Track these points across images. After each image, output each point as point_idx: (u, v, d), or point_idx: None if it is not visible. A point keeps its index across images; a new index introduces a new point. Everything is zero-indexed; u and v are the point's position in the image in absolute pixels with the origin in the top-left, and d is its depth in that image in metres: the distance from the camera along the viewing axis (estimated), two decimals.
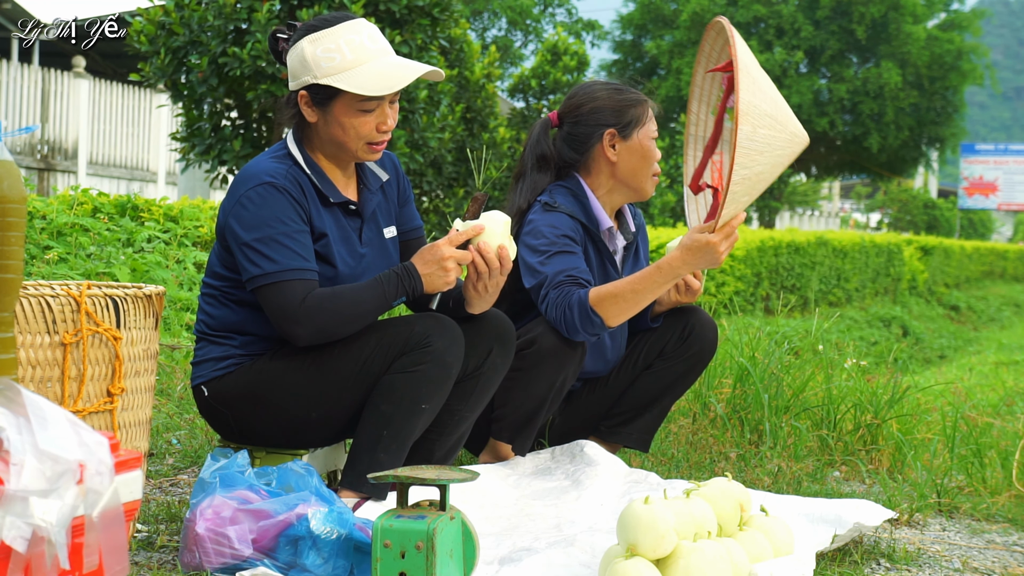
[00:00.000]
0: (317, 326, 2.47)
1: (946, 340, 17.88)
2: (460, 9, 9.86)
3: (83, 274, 5.42)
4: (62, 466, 1.68)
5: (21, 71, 14.51)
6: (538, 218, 3.00)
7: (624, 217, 3.21)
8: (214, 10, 8.50)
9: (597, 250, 3.09)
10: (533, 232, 2.97)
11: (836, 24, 28.97)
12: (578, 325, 2.85)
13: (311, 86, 2.56)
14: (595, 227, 3.07)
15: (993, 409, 5.29)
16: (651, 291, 2.85)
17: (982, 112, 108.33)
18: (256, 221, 2.49)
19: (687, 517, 2.18)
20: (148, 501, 2.75)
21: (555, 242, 2.94)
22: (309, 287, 2.48)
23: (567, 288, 2.87)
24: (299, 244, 2.50)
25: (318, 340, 2.50)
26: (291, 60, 2.59)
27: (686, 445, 3.65)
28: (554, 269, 2.90)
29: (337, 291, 2.51)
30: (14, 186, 1.77)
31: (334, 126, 2.58)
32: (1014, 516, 3.11)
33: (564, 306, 2.85)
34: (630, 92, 3.12)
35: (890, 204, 39.87)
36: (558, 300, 2.86)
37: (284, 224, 2.50)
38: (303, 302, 2.46)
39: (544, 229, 2.96)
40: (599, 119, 3.07)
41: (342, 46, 2.53)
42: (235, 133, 9.10)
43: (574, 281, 2.89)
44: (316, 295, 2.48)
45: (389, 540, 2.01)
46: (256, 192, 2.51)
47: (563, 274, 2.89)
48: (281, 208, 2.51)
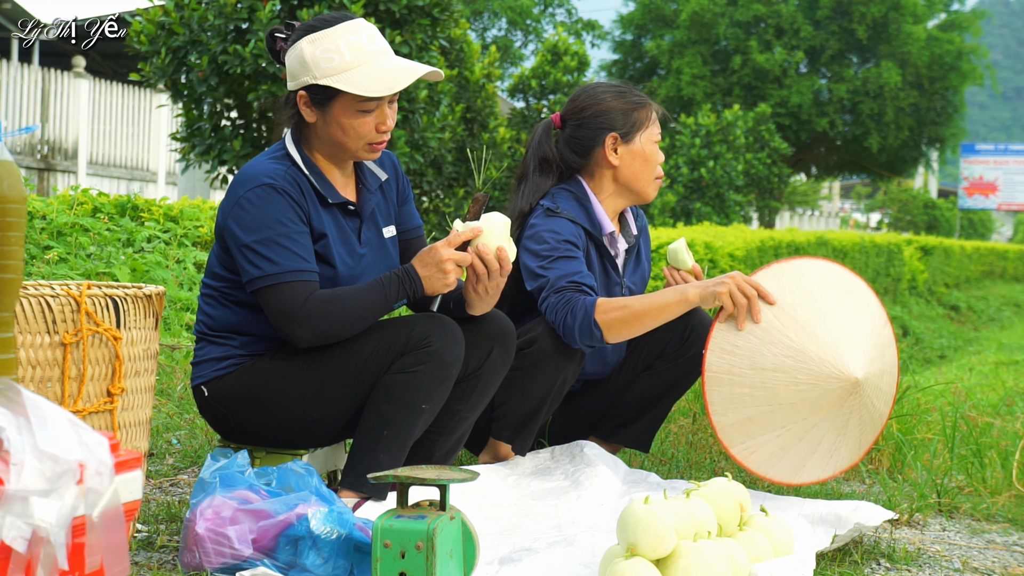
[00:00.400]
0: (318, 328, 2.47)
1: (946, 340, 17.88)
2: (460, 9, 9.86)
3: (83, 274, 5.42)
4: (62, 466, 1.68)
5: (21, 71, 14.51)
6: (540, 223, 3.00)
7: (626, 220, 3.20)
8: (214, 9, 8.49)
9: (599, 254, 3.09)
10: (535, 237, 2.96)
11: (836, 24, 28.97)
12: (576, 333, 2.84)
13: (310, 86, 2.55)
14: (598, 232, 3.07)
15: (993, 409, 5.28)
16: (660, 311, 2.83)
17: (982, 112, 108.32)
18: (255, 223, 2.49)
19: (687, 517, 2.18)
20: (148, 501, 2.75)
21: (556, 247, 2.94)
22: (310, 288, 2.48)
23: (569, 294, 2.86)
24: (299, 245, 2.50)
25: (319, 342, 2.50)
26: (290, 60, 2.59)
27: (686, 445, 3.65)
28: (556, 274, 2.90)
29: (339, 293, 2.50)
30: (14, 186, 1.77)
31: (333, 127, 2.57)
32: (1014, 516, 3.11)
33: (566, 311, 2.84)
34: (634, 95, 3.11)
35: (890, 204, 39.87)
36: (559, 304, 2.85)
37: (284, 225, 2.49)
38: (304, 304, 2.46)
39: (546, 234, 2.96)
40: (602, 122, 3.06)
41: (341, 47, 2.53)
42: (235, 133, 9.10)
43: (577, 287, 2.88)
44: (317, 297, 2.47)
45: (389, 540, 2.01)
46: (255, 193, 2.51)
47: (565, 279, 2.89)
48: (280, 209, 2.50)
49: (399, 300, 2.53)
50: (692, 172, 21.96)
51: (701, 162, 21.74)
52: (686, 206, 21.83)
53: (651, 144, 3.08)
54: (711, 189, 21.88)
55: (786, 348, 2.69)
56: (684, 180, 21.88)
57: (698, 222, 20.23)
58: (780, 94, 28.33)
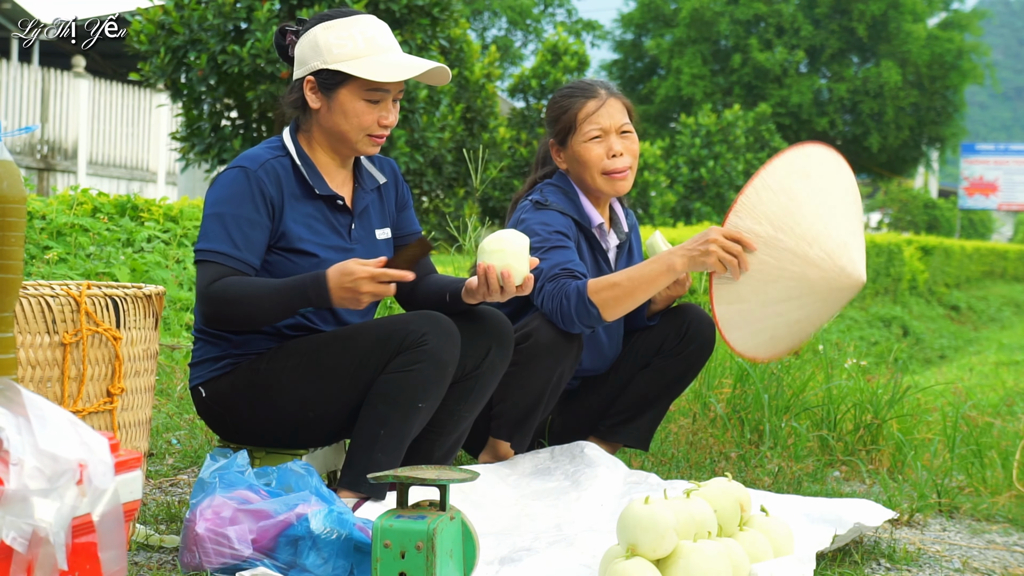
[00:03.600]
0: (216, 313, 2.49)
1: (946, 340, 17.89)
2: (460, 9, 9.86)
3: (83, 274, 5.42)
4: (62, 466, 1.68)
5: (21, 71, 14.51)
6: (530, 216, 3.01)
7: (616, 215, 3.21)
8: (213, 9, 8.49)
9: (591, 246, 3.10)
10: (526, 231, 2.97)
11: (836, 23, 28.99)
12: (574, 315, 2.84)
13: (319, 71, 2.58)
14: (587, 223, 3.08)
15: (993, 409, 5.28)
16: (649, 284, 2.82)
17: (982, 112, 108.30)
18: (216, 199, 2.56)
19: (687, 517, 2.18)
20: (148, 501, 2.75)
21: (548, 238, 2.95)
22: (222, 272, 2.50)
23: (563, 280, 2.87)
24: (239, 231, 2.52)
25: (221, 326, 2.52)
26: (302, 46, 2.62)
27: (686, 445, 3.65)
28: (549, 263, 2.90)
29: (245, 286, 2.47)
30: (14, 186, 1.77)
31: (337, 113, 2.60)
32: (1014, 516, 3.11)
33: (560, 296, 2.85)
34: (566, 96, 3.10)
35: (890, 204, 39.83)
36: (554, 292, 2.86)
37: (236, 208, 2.54)
38: (209, 286, 2.49)
39: (537, 227, 2.97)
40: (548, 129, 3.15)
41: (355, 35, 2.58)
42: (235, 132, 9.10)
43: (570, 274, 2.89)
44: (223, 283, 2.48)
45: (389, 540, 2.01)
46: (228, 174, 2.59)
47: (558, 267, 2.89)
48: (241, 193, 2.54)
49: (304, 307, 2.49)
50: (692, 172, 21.97)
51: (701, 162, 21.75)
52: (686, 206, 21.85)
53: (581, 145, 3.05)
54: (711, 189, 21.89)
55: (787, 279, 2.74)
56: (684, 180, 21.89)
57: (698, 222, 20.24)
58: (780, 94, 28.34)
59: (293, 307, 2.48)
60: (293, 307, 2.48)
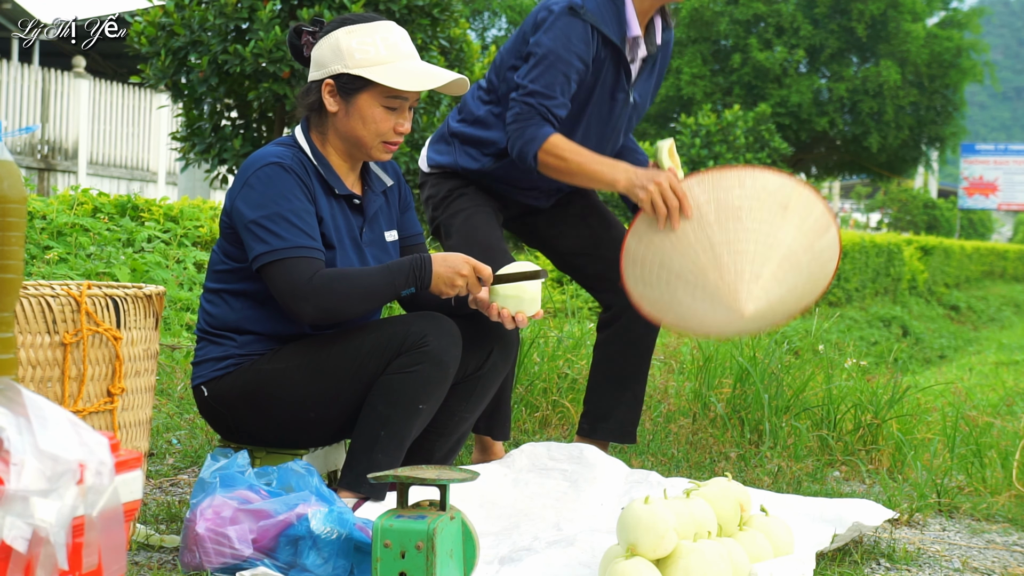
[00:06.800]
0: (324, 305, 2.46)
1: (946, 340, 17.89)
2: (460, 9, 9.86)
3: (83, 274, 5.43)
4: (62, 466, 1.68)
5: (21, 71, 14.51)
6: (555, 22, 2.93)
7: (653, 27, 3.10)
8: (215, 10, 8.49)
9: (615, 64, 3.01)
10: (546, 30, 2.92)
11: (835, 23, 28.97)
12: (515, 150, 2.92)
13: (339, 75, 2.57)
14: (622, 32, 2.98)
15: (993, 409, 5.29)
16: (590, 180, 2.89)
17: (982, 112, 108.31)
18: (263, 200, 2.50)
19: (687, 517, 2.18)
20: (148, 501, 2.75)
21: (550, 53, 2.91)
22: (316, 266, 2.48)
23: (536, 119, 2.90)
24: (305, 223, 2.51)
25: (324, 320, 2.49)
26: (320, 49, 2.61)
27: (686, 445, 3.65)
28: (536, 86, 2.90)
29: (346, 272, 2.50)
30: (14, 186, 1.77)
31: (355, 118, 2.59)
32: (1014, 516, 3.11)
33: (523, 127, 2.89)
34: None
35: (890, 204, 39.86)
36: (522, 115, 2.90)
37: (290, 202, 2.50)
38: (311, 280, 2.45)
39: (551, 37, 2.92)
40: None
41: (377, 41, 2.57)
42: (235, 132, 9.09)
43: (546, 112, 2.90)
44: (324, 275, 2.47)
45: (389, 540, 2.01)
46: (263, 172, 2.53)
47: (542, 100, 2.90)
48: (288, 187, 2.52)
49: (407, 287, 2.51)
50: (692, 172, 21.94)
51: (701, 162, 21.75)
52: None
53: None
54: None
55: (692, 263, 2.69)
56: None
57: None
58: (780, 94, 28.33)
59: (397, 290, 2.51)
60: (397, 290, 2.51)
